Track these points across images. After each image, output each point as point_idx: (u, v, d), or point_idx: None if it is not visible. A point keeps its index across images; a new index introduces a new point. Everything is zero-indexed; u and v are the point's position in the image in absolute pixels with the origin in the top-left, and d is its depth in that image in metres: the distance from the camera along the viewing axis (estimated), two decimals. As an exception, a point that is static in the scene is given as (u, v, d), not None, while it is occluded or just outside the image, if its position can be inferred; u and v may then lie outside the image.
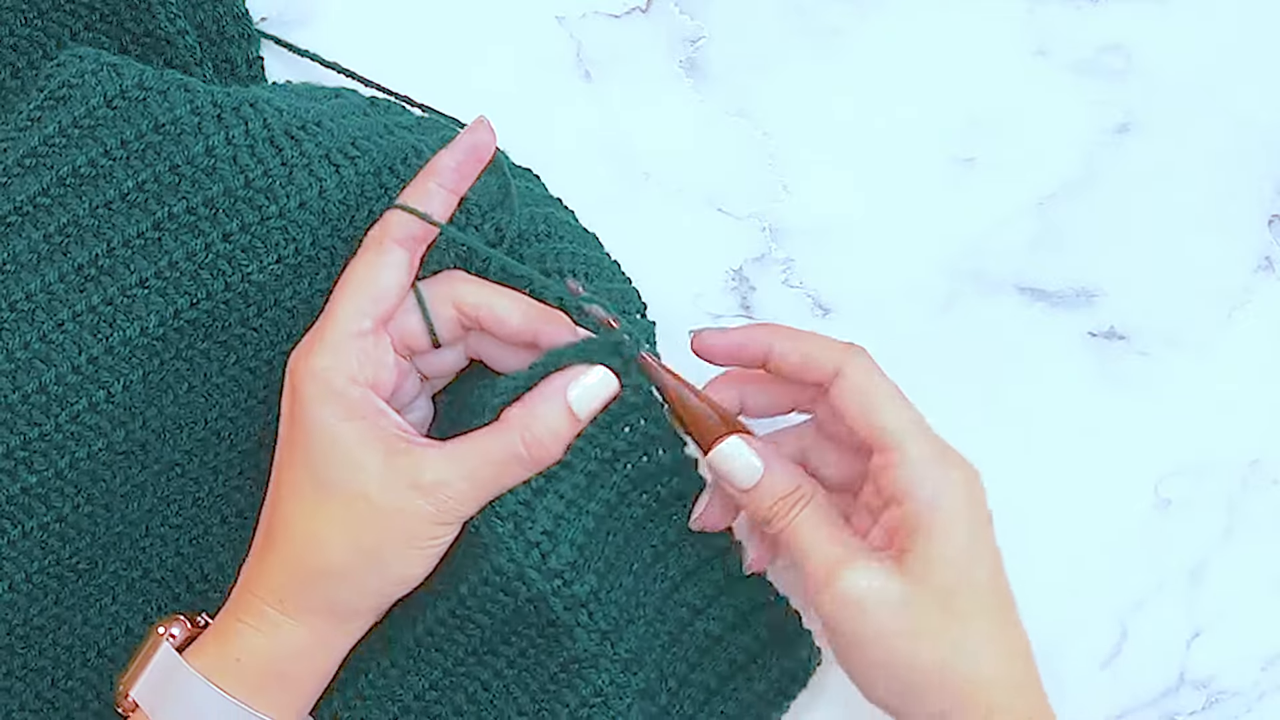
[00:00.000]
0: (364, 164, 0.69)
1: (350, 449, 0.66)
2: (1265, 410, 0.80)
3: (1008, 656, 0.67)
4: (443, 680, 0.71)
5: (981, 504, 0.67)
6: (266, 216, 0.68)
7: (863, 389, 0.68)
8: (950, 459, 0.67)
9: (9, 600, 0.70)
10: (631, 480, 0.71)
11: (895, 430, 0.67)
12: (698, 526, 0.72)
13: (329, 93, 0.76)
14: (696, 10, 0.82)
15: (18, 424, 0.67)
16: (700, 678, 0.74)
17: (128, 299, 0.68)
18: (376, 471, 0.65)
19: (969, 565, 0.66)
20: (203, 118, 0.68)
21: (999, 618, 0.67)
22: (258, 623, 0.67)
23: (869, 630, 0.66)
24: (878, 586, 0.66)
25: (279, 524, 0.67)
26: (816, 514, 0.68)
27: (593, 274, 0.75)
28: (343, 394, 0.66)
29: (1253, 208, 0.81)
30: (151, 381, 0.69)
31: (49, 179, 0.68)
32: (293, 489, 0.67)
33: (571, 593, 0.69)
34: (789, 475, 0.69)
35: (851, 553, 0.67)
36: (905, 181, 0.81)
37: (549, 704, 0.71)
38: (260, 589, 0.68)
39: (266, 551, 0.68)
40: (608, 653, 0.70)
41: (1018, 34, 0.82)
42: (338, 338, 0.66)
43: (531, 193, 0.76)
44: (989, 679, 0.65)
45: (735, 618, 0.74)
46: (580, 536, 0.69)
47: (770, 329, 0.71)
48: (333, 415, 0.66)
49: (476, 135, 0.69)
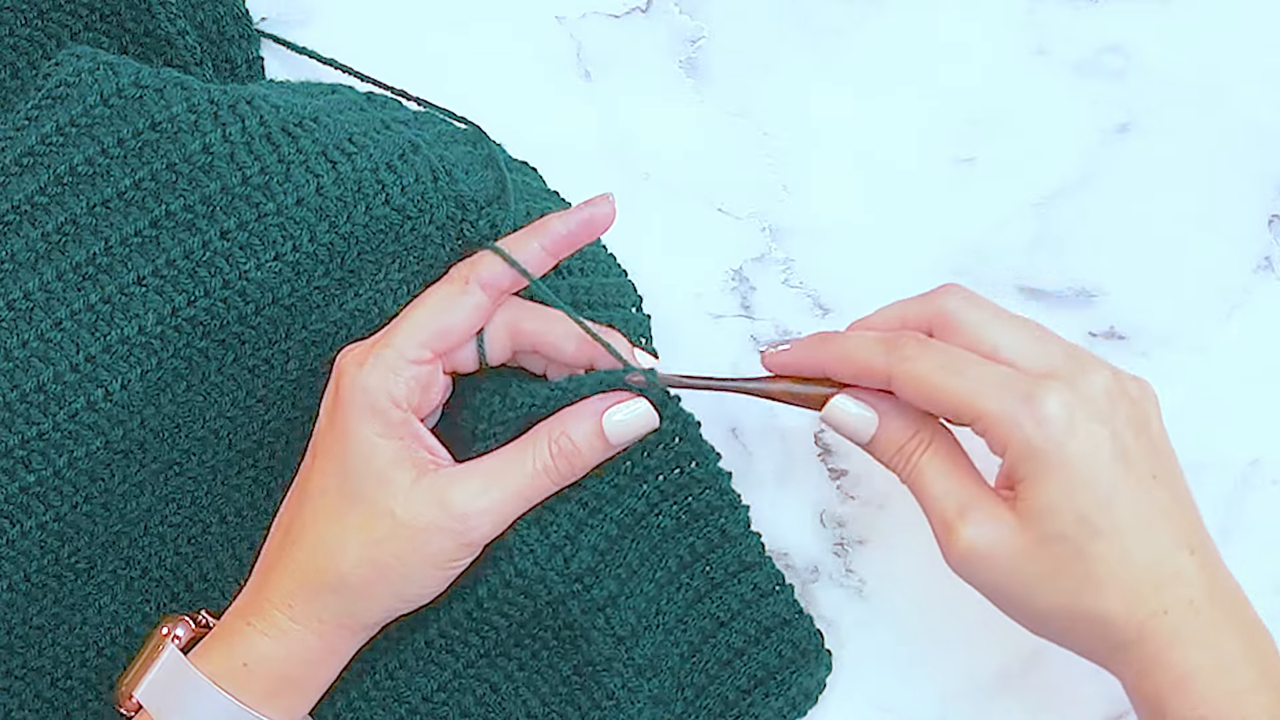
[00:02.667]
0: (361, 160, 0.69)
1: (383, 465, 0.66)
2: (1265, 410, 0.80)
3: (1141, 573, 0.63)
4: (452, 682, 0.71)
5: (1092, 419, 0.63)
6: (264, 214, 0.68)
7: (914, 384, 0.66)
8: (1040, 398, 0.63)
9: (8, 600, 0.70)
10: (662, 491, 0.71)
11: (961, 402, 0.64)
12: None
13: (325, 89, 0.76)
14: (696, 10, 0.82)
15: (16, 423, 0.67)
16: (718, 690, 0.74)
17: (125, 297, 0.68)
18: (405, 489, 0.66)
19: (1078, 502, 0.63)
20: (199, 115, 0.68)
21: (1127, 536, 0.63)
22: (267, 627, 0.67)
23: (993, 580, 0.65)
24: (991, 539, 0.64)
25: (299, 527, 0.68)
26: (936, 459, 0.67)
27: (588, 268, 0.75)
28: (385, 413, 0.66)
29: (1253, 208, 0.81)
30: (150, 380, 0.69)
31: (46, 177, 0.68)
32: (320, 494, 0.67)
33: (590, 596, 0.69)
34: (905, 423, 0.68)
35: (970, 503, 0.65)
36: (905, 181, 0.81)
37: (560, 707, 0.71)
38: (273, 593, 0.68)
39: (282, 553, 0.68)
40: (622, 657, 0.70)
41: (1018, 34, 0.82)
42: (395, 361, 0.66)
43: (529, 187, 0.77)
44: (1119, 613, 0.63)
45: (758, 632, 0.74)
46: (602, 542, 0.69)
47: (817, 346, 0.69)
48: (372, 431, 0.66)
49: (596, 209, 0.69)
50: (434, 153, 0.71)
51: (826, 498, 0.79)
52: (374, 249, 0.70)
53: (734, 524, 0.73)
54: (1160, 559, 0.64)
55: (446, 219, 0.70)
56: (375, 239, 0.69)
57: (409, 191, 0.69)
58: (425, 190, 0.70)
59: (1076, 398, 0.64)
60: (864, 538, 0.79)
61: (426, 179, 0.70)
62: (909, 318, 0.69)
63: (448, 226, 0.71)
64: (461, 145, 0.76)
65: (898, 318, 0.69)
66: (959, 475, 0.67)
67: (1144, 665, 0.64)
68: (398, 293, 0.71)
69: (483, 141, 0.77)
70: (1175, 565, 0.64)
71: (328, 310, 0.70)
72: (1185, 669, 0.63)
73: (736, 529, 0.73)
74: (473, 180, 0.72)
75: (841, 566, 0.79)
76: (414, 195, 0.69)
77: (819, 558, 0.79)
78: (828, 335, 0.70)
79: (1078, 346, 0.67)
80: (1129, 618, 0.63)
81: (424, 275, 0.72)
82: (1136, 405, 0.66)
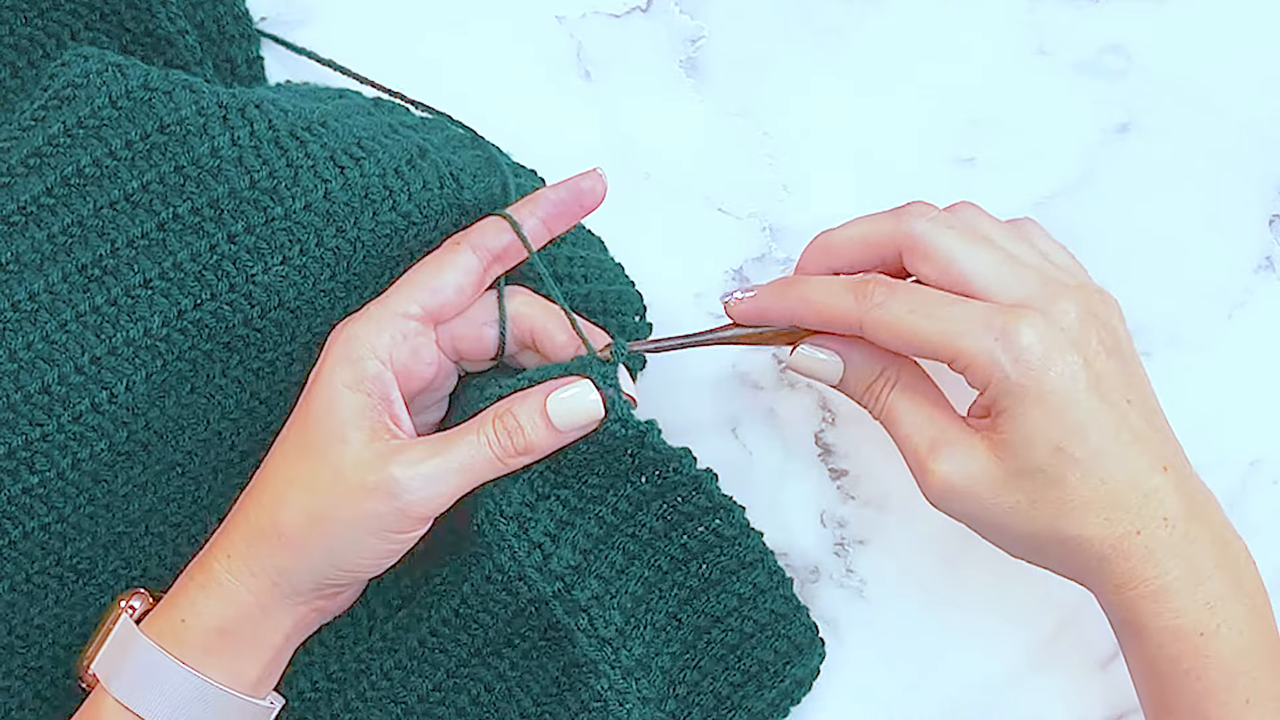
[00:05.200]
0: (369, 165, 0.69)
1: (342, 419, 0.66)
2: (1265, 410, 0.80)
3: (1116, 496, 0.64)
4: (446, 682, 0.71)
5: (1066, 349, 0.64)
6: (272, 218, 0.68)
7: (887, 330, 0.66)
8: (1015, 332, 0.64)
9: (10, 600, 0.70)
10: (647, 492, 0.70)
11: (937, 344, 0.65)
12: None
13: (333, 93, 0.76)
14: (696, 10, 0.82)
15: (20, 424, 0.67)
16: (712, 686, 0.74)
17: (131, 299, 0.68)
18: (355, 448, 0.66)
19: (1054, 434, 0.64)
20: (208, 119, 0.68)
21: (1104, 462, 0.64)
22: (205, 579, 0.67)
23: (971, 509, 0.66)
24: (967, 470, 0.65)
25: (258, 478, 0.68)
26: (905, 395, 0.68)
27: (591, 276, 0.75)
28: (360, 362, 0.66)
29: (1253, 208, 0.81)
30: (154, 382, 0.69)
31: (53, 179, 0.68)
32: (280, 444, 0.68)
33: (572, 597, 0.69)
34: (868, 362, 0.69)
35: (942, 437, 0.66)
36: (905, 181, 0.81)
37: (551, 707, 0.71)
38: (217, 546, 0.68)
39: (239, 507, 0.68)
40: (608, 658, 0.70)
41: (1018, 34, 0.82)
42: (382, 314, 0.67)
43: (528, 191, 0.76)
44: (1095, 535, 0.64)
45: (754, 629, 0.74)
46: (584, 541, 0.69)
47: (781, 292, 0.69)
48: (341, 379, 0.66)
49: (587, 179, 0.70)
50: (441, 158, 0.71)
51: (827, 498, 0.80)
52: (380, 254, 0.70)
53: (728, 525, 0.72)
54: (1135, 480, 0.65)
55: (452, 225, 0.71)
56: (381, 244, 0.69)
57: (416, 198, 0.69)
58: (432, 196, 0.70)
59: (1051, 328, 0.64)
60: (864, 538, 0.79)
61: (434, 185, 0.70)
62: (874, 239, 0.69)
63: (453, 232, 0.71)
64: (469, 149, 0.75)
65: (861, 238, 0.69)
66: (929, 409, 0.68)
67: (1120, 580, 0.65)
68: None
69: (482, 145, 0.77)
70: (1150, 485, 0.65)
71: (333, 314, 0.70)
72: (1161, 583, 0.65)
73: (731, 529, 0.72)
74: (479, 186, 0.72)
75: (842, 567, 0.79)
76: (421, 201, 0.70)
77: (819, 558, 0.79)
78: (790, 280, 0.70)
79: (1046, 266, 0.68)
80: (1105, 538, 0.65)
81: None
82: (1106, 326, 0.67)
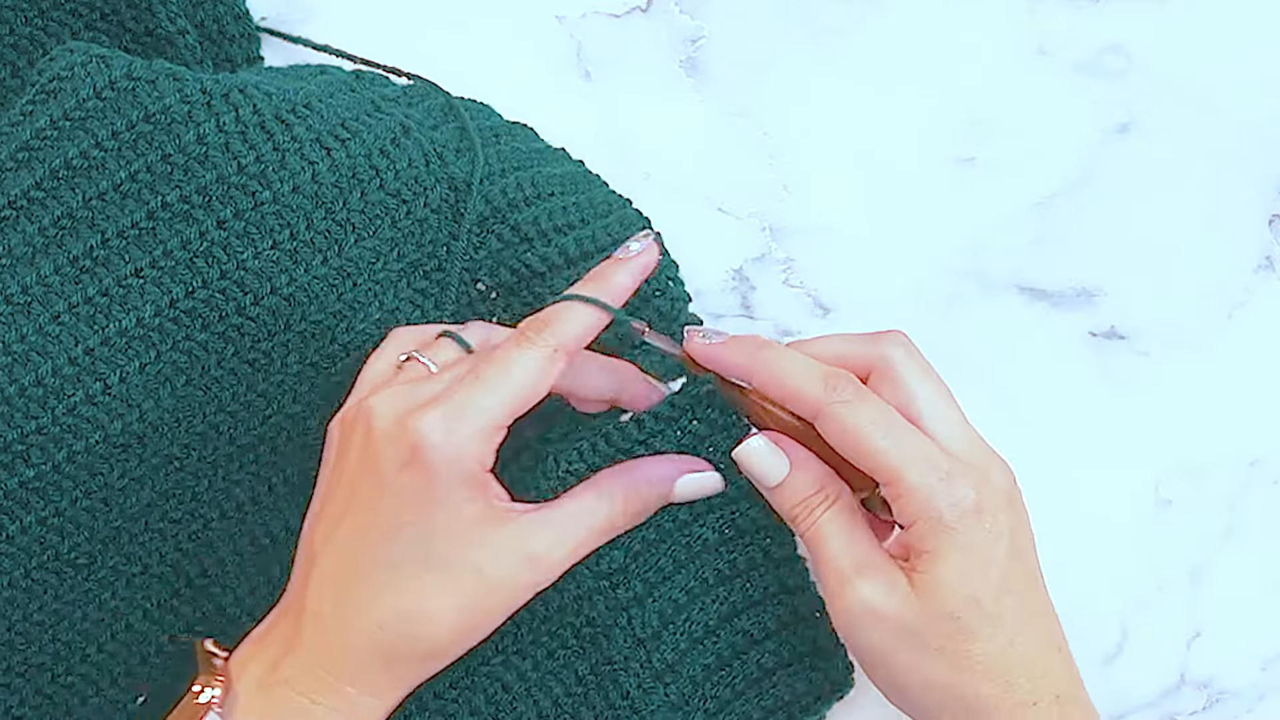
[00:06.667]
0: (355, 146, 0.69)
1: (467, 524, 0.65)
2: (1265, 410, 0.80)
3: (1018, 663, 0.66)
4: (464, 680, 0.70)
5: (998, 510, 0.66)
6: (260, 202, 0.68)
7: (844, 431, 0.66)
8: (957, 480, 0.65)
9: (8, 596, 0.70)
10: (710, 503, 0.71)
11: (887, 465, 0.65)
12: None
13: (314, 70, 0.77)
14: (696, 10, 0.82)
15: (15, 418, 0.67)
16: (743, 708, 0.73)
17: (123, 290, 0.68)
18: (491, 546, 0.65)
19: (974, 585, 0.65)
20: (193, 106, 0.68)
21: (1011, 627, 0.66)
22: (335, 702, 0.66)
23: (876, 643, 0.66)
24: (883, 603, 0.65)
25: (365, 599, 0.66)
26: (839, 518, 0.68)
27: (587, 217, 0.75)
28: (474, 476, 0.66)
29: (1253, 208, 0.81)
30: (149, 373, 0.69)
31: (42, 172, 0.68)
32: (390, 565, 0.65)
33: (616, 595, 0.69)
34: (813, 477, 0.68)
35: (867, 562, 0.66)
36: (905, 181, 0.81)
37: (573, 708, 0.71)
38: (339, 669, 0.66)
39: (345, 626, 0.66)
40: (640, 657, 0.70)
41: (1018, 34, 0.82)
42: (485, 427, 0.66)
43: (518, 153, 0.76)
44: (992, 696, 0.65)
45: (791, 656, 0.74)
46: (636, 544, 0.70)
47: (751, 350, 0.69)
48: (463, 497, 0.65)
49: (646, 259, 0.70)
50: (424, 135, 0.71)
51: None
52: (371, 235, 0.70)
53: (778, 546, 0.72)
54: (1036, 654, 0.66)
55: (441, 201, 0.71)
56: (371, 225, 0.70)
57: (403, 176, 0.70)
58: (419, 174, 0.70)
59: (988, 489, 0.66)
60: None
61: (419, 162, 0.70)
62: (849, 356, 0.69)
63: (442, 209, 0.71)
64: (450, 123, 0.76)
65: (837, 354, 0.69)
66: (859, 535, 0.68)
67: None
68: (398, 285, 0.72)
69: (435, 92, 0.77)
70: (1047, 662, 0.66)
71: (326, 301, 0.70)
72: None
73: (780, 551, 0.72)
74: (462, 161, 0.72)
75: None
76: (408, 179, 0.70)
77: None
78: (764, 343, 0.69)
79: (981, 438, 0.69)
80: (1000, 703, 0.65)
81: (423, 265, 0.72)
82: (1023, 512, 0.68)
